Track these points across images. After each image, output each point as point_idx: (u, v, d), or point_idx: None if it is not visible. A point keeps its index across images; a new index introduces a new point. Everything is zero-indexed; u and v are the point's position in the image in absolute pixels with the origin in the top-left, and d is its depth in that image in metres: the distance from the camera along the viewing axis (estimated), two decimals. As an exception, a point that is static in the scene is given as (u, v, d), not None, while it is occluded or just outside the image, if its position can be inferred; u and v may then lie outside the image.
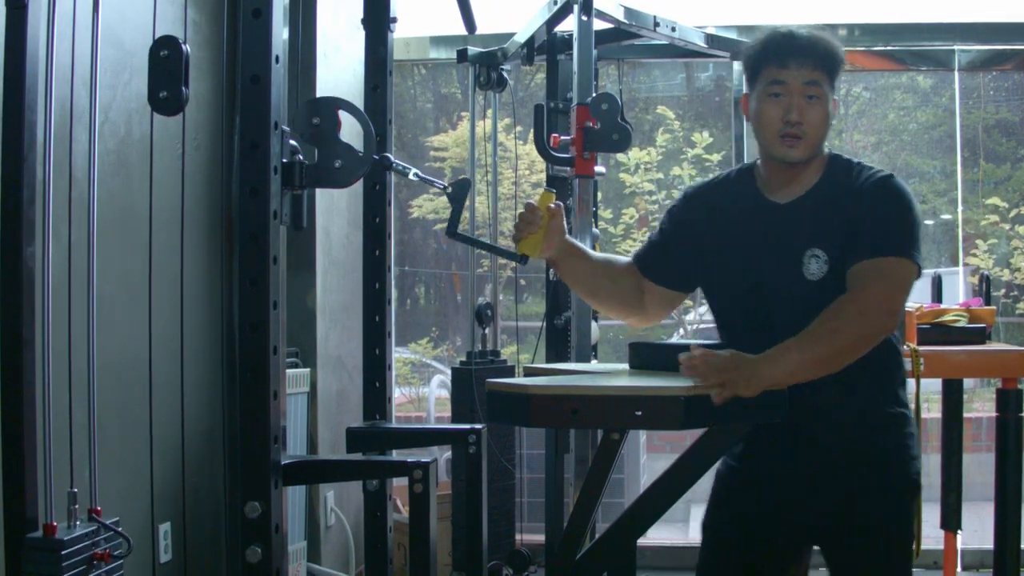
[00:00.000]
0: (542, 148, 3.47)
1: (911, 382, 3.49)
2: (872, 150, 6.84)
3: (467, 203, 2.64)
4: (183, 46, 2.08)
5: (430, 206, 6.45)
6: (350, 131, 2.31)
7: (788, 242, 2.32)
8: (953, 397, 4.05)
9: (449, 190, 2.44)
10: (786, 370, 2.12)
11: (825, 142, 2.37)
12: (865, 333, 2.16)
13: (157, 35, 2.13)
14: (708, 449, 2.25)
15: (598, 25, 3.57)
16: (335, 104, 2.26)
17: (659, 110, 5.99)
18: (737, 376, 2.07)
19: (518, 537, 4.37)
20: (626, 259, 2.63)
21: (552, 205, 2.43)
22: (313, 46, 4.27)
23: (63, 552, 2.20)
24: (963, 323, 3.80)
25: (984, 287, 4.18)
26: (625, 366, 2.58)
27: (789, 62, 2.29)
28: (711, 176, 2.67)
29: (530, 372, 2.64)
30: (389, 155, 2.33)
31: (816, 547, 2.45)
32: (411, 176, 2.40)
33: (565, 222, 2.47)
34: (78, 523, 2.33)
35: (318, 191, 3.86)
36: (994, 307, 4.02)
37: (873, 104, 6.84)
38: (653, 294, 2.58)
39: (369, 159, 2.23)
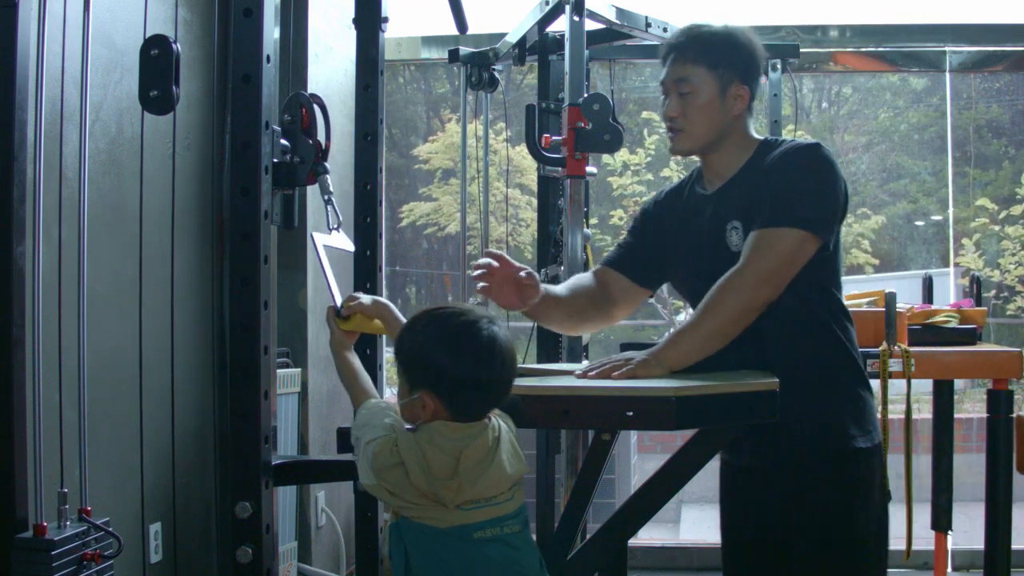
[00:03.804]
0: (533, 148, 3.47)
1: (901, 383, 3.51)
2: (863, 151, 6.86)
3: (455, 201, 2.59)
4: (174, 45, 2.08)
5: (420, 210, 6.45)
6: (342, 131, 2.31)
7: (715, 223, 2.40)
8: (944, 398, 4.05)
9: (338, 229, 2.44)
10: (680, 351, 2.25)
11: (721, 130, 2.41)
12: (741, 307, 2.23)
13: (148, 34, 2.13)
14: (699, 450, 2.25)
15: (590, 25, 3.57)
16: (299, 100, 2.26)
17: (644, 115, 6.00)
18: (631, 362, 2.23)
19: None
20: (587, 275, 2.67)
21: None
22: (304, 46, 4.27)
23: (53, 552, 2.20)
24: (954, 324, 3.81)
25: (975, 288, 4.19)
26: (616, 366, 2.58)
27: (666, 62, 2.43)
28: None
29: (521, 372, 2.64)
30: (327, 165, 2.31)
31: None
32: (324, 198, 2.38)
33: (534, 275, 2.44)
34: (68, 523, 2.33)
35: (309, 189, 3.85)
36: (985, 308, 4.03)
37: (864, 105, 6.86)
38: (626, 293, 2.63)
39: (311, 156, 2.24)
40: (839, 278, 2.41)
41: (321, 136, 2.29)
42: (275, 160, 2.13)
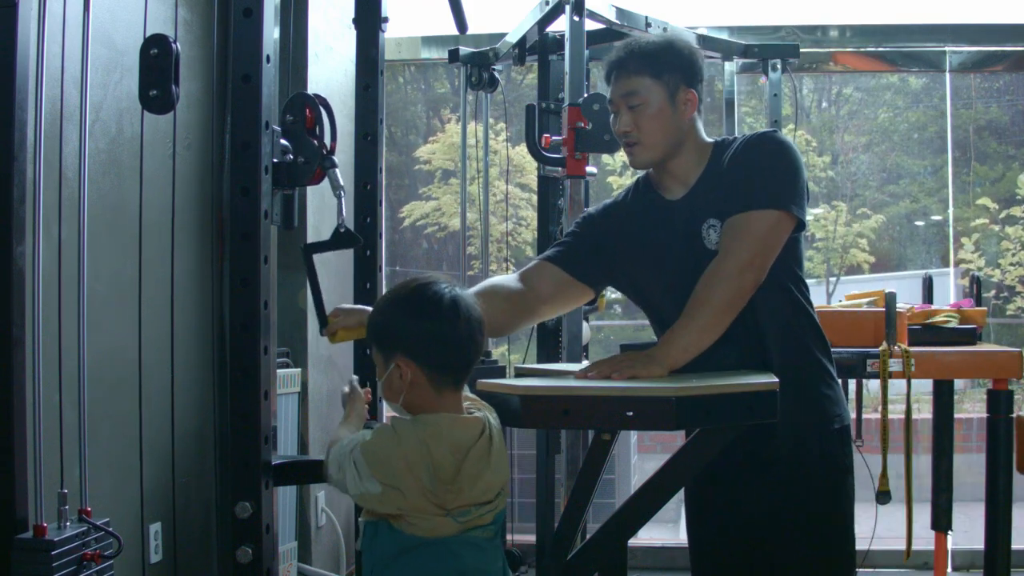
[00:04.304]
0: (533, 148, 3.47)
1: (901, 383, 3.51)
2: (863, 150, 6.85)
3: (455, 200, 2.59)
4: (173, 45, 2.08)
5: (420, 210, 6.45)
6: (342, 131, 2.31)
7: (689, 225, 2.41)
8: (944, 398, 4.05)
9: (342, 229, 2.42)
10: (679, 348, 2.26)
11: (676, 136, 2.43)
12: (730, 295, 2.26)
13: (148, 34, 2.13)
14: (699, 450, 2.25)
15: (590, 25, 3.57)
16: (303, 100, 2.26)
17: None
18: (631, 362, 2.22)
19: (509, 537, 4.36)
20: (508, 276, 2.65)
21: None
22: (304, 46, 4.27)
23: (53, 553, 2.19)
24: (954, 324, 3.81)
25: (975, 288, 4.19)
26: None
27: (611, 79, 2.46)
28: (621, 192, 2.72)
29: (521, 373, 2.64)
30: (334, 159, 2.31)
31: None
32: (336, 193, 2.36)
33: None
34: (68, 523, 2.33)
35: (309, 190, 3.85)
36: (985, 308, 4.03)
37: (864, 105, 6.85)
38: (561, 289, 2.59)
39: (317, 154, 2.24)
40: (803, 261, 2.48)
41: (327, 137, 2.29)
42: (275, 160, 2.13)
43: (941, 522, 4.05)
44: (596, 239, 2.59)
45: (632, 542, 4.39)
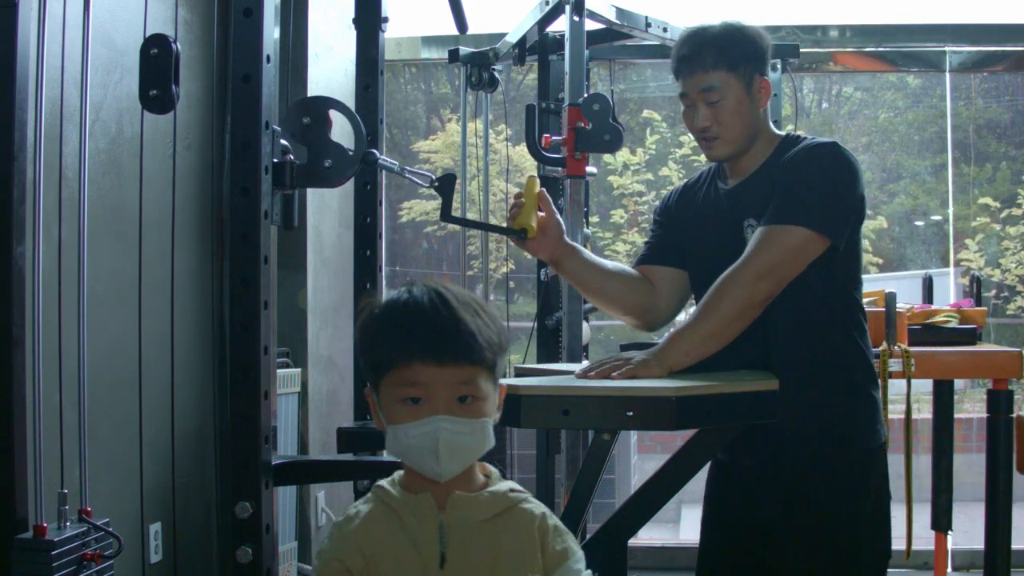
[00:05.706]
0: (533, 148, 3.47)
1: (901, 383, 3.51)
2: (863, 150, 6.85)
3: (456, 199, 2.61)
4: (173, 44, 2.08)
5: (420, 208, 6.45)
6: (341, 131, 2.31)
7: (732, 220, 2.40)
8: (944, 398, 4.05)
9: (436, 184, 2.43)
10: (680, 351, 2.25)
11: (754, 127, 2.40)
12: (740, 304, 2.23)
13: (148, 34, 2.13)
14: (699, 450, 2.25)
15: (590, 25, 3.57)
16: (325, 103, 2.25)
17: (646, 114, 6.00)
18: (631, 362, 2.22)
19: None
20: (633, 270, 2.65)
21: (538, 190, 2.45)
22: (304, 46, 4.27)
23: (53, 553, 2.20)
24: (954, 324, 3.80)
25: (975, 288, 4.19)
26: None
27: (684, 74, 2.42)
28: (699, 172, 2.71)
29: (521, 372, 2.64)
30: (375, 151, 2.31)
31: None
32: (397, 171, 2.37)
33: (562, 221, 2.47)
34: (68, 524, 2.33)
35: (309, 190, 3.85)
36: (985, 308, 4.03)
37: (864, 105, 6.85)
38: (668, 282, 2.60)
39: (358, 158, 2.23)
40: (858, 278, 2.42)
41: (340, 137, 2.28)
42: (275, 160, 2.13)
43: (941, 522, 4.05)
44: (672, 225, 2.60)
45: (632, 542, 4.39)
